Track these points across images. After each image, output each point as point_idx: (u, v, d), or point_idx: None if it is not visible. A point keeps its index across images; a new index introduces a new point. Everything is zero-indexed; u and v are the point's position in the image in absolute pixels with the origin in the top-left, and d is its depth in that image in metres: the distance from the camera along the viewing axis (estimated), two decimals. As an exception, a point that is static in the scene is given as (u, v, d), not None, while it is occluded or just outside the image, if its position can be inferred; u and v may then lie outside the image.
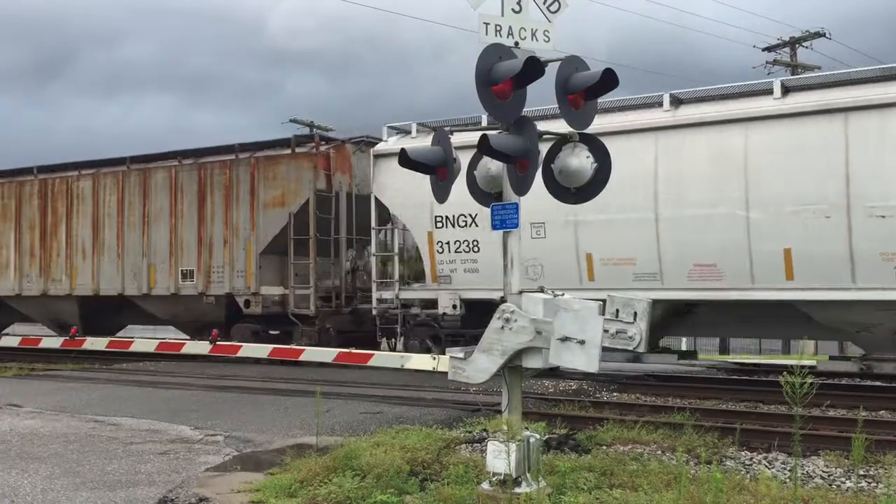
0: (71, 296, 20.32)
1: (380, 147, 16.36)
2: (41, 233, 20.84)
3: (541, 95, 7.28)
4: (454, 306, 14.94)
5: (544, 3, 6.57)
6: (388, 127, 16.36)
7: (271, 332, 18.09)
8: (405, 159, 6.65)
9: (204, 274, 18.26)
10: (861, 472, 7.35)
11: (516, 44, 6.40)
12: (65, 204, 20.57)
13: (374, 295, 16.32)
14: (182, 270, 18.57)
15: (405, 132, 16.07)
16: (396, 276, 15.94)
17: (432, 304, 15.36)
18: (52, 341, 18.38)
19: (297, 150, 17.86)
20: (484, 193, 6.81)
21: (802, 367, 5.40)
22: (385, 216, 16.47)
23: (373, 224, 16.44)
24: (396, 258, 16.04)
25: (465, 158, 6.87)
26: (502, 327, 6.21)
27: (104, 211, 19.95)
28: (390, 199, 15.93)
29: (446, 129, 7.06)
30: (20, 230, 21.24)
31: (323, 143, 18.26)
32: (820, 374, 12.86)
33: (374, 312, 16.34)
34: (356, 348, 13.71)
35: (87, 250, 20.07)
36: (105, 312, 20.73)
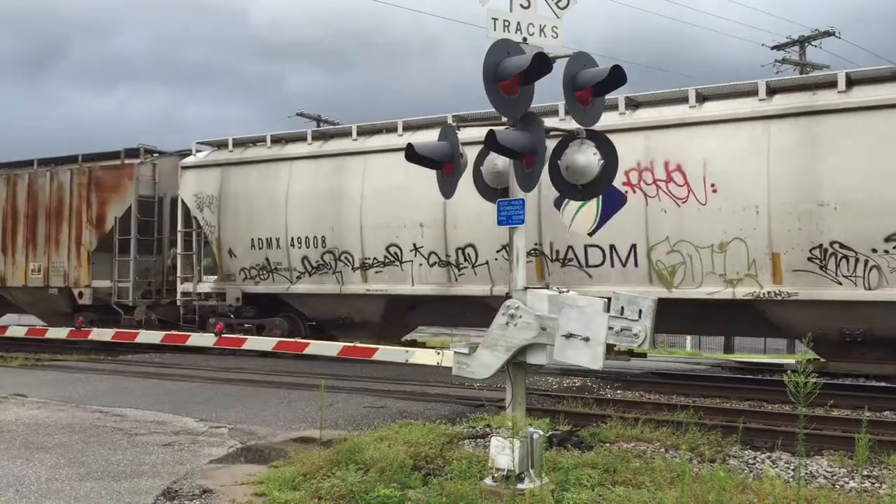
0: None
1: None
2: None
3: (549, 92, 7.26)
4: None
5: (553, -1, 6.55)
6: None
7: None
8: (412, 154, 6.65)
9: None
10: (865, 473, 7.34)
11: (524, 39, 6.39)
12: None
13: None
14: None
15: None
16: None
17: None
18: (58, 332, 18.45)
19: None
20: (490, 189, 6.80)
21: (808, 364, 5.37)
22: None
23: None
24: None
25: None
26: (507, 323, 6.21)
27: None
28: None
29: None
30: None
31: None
32: (824, 374, 12.82)
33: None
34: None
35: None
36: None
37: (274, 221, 16.69)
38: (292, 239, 16.41)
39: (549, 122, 8.72)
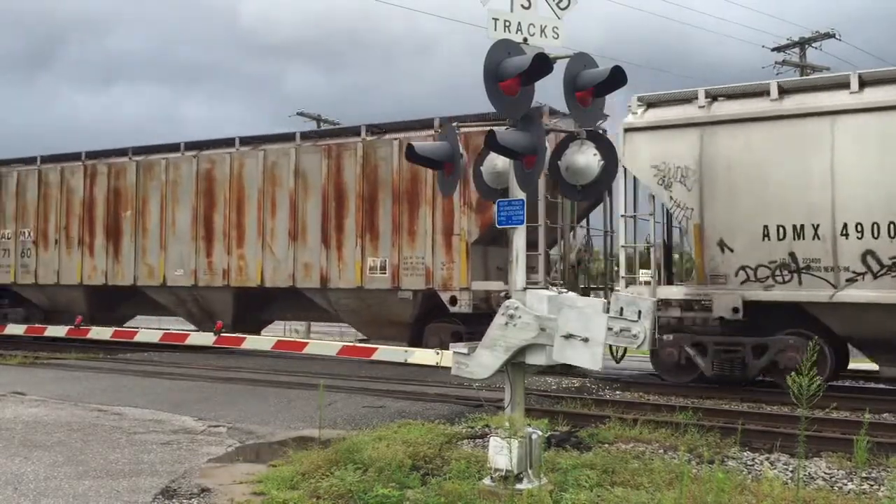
0: None
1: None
2: None
3: (545, 92, 7.25)
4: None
5: (553, 0, 6.56)
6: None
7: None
8: (412, 154, 6.66)
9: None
10: (864, 475, 7.34)
11: (525, 40, 6.39)
12: None
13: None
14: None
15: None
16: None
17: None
18: (57, 330, 18.43)
19: None
20: (490, 189, 6.80)
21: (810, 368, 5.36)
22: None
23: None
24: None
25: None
26: (506, 323, 6.21)
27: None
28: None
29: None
30: None
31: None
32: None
33: None
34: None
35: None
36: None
37: (809, 200, 12.03)
38: (845, 225, 11.86)
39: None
